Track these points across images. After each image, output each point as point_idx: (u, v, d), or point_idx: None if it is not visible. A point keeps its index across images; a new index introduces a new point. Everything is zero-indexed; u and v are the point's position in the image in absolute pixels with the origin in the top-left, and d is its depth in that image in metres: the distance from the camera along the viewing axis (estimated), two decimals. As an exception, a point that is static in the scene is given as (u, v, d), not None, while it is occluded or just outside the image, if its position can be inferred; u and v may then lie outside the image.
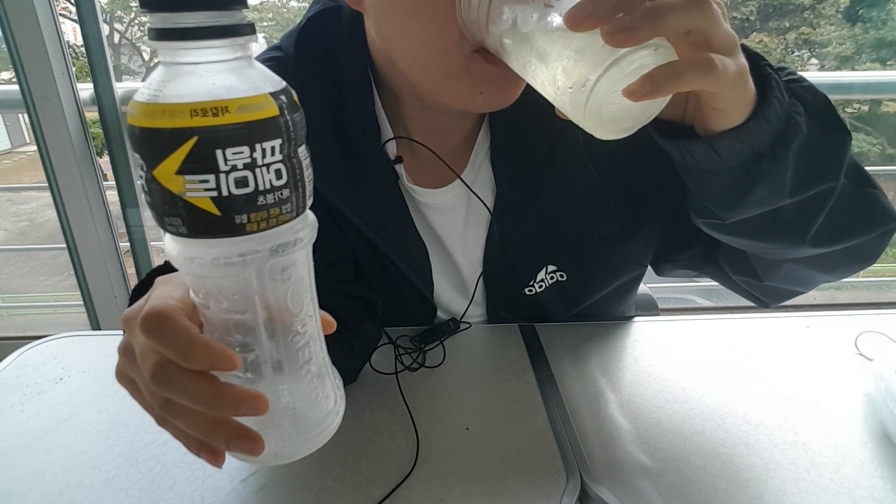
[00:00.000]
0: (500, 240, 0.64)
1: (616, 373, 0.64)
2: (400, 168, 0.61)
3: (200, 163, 0.25)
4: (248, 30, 0.26)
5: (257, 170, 0.26)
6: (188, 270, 0.29)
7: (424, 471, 0.51)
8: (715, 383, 0.62)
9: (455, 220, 0.66)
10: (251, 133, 0.25)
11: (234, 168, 0.25)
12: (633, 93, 0.33)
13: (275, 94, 0.26)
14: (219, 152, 0.25)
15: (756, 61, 0.42)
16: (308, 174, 0.29)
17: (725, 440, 0.54)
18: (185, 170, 0.25)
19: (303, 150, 0.28)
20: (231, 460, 0.33)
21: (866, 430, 0.56)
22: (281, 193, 0.27)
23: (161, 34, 0.25)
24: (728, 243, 0.56)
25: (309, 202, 0.30)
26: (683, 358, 0.67)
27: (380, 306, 0.67)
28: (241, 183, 0.26)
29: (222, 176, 0.25)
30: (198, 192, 0.26)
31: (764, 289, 0.62)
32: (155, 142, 0.25)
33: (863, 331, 0.69)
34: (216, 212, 0.26)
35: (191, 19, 0.25)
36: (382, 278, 0.67)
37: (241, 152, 0.25)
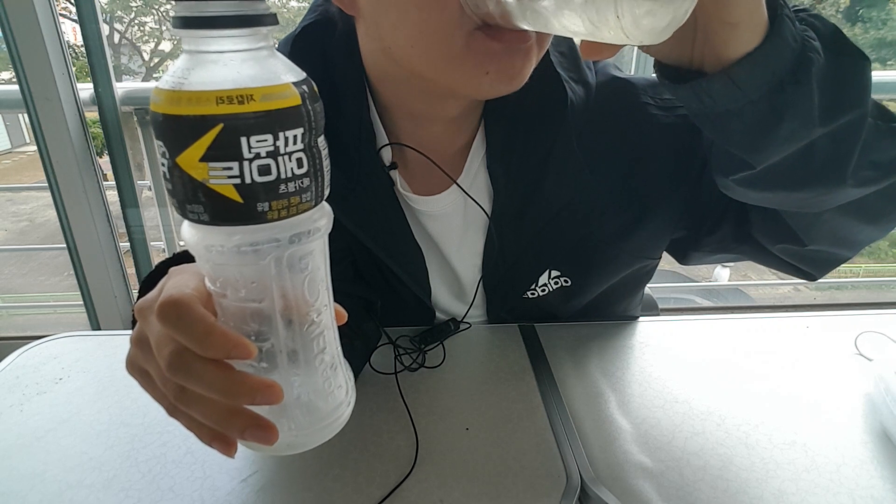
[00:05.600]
0: (499, 245, 0.64)
1: (616, 373, 0.64)
2: (395, 174, 0.61)
3: (225, 150, 0.25)
4: (271, 20, 0.27)
5: (280, 158, 0.26)
6: (207, 258, 0.30)
7: (424, 471, 0.51)
8: (715, 383, 0.62)
9: (452, 227, 0.65)
10: (275, 121, 0.26)
11: (257, 156, 0.26)
12: None
13: (297, 84, 0.27)
14: (243, 140, 0.25)
15: None
16: (327, 164, 0.29)
17: (725, 440, 0.54)
18: (209, 157, 0.25)
19: (322, 141, 0.29)
20: (235, 457, 0.33)
21: (866, 430, 0.56)
22: (302, 182, 0.28)
23: (187, 22, 0.25)
24: (764, 205, 0.53)
25: (326, 192, 0.30)
26: (683, 358, 0.67)
27: (379, 306, 0.67)
28: (264, 171, 0.26)
29: (246, 163, 0.26)
30: (221, 179, 0.26)
31: (808, 256, 0.58)
32: (179, 129, 0.25)
33: (863, 331, 0.69)
34: (239, 199, 0.26)
35: (216, 8, 0.25)
36: (380, 282, 0.66)
37: (265, 140, 0.26)
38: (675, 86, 0.42)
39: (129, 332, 0.36)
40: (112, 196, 1.51)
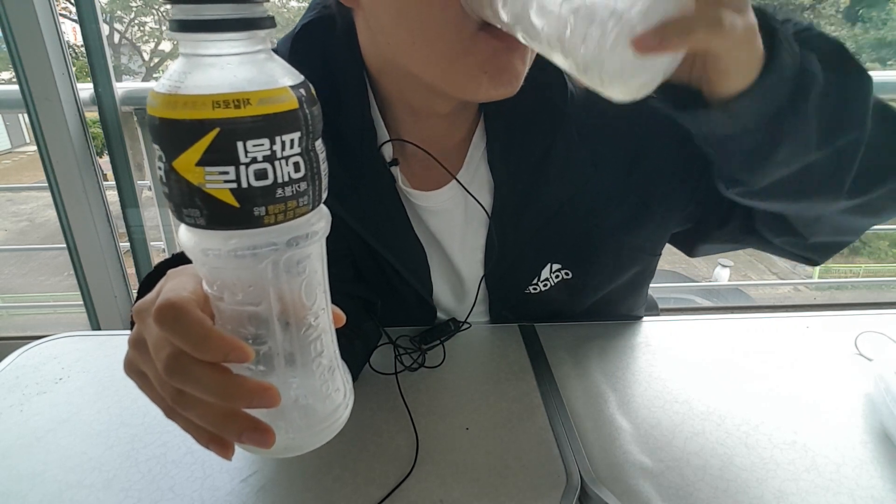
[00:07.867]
0: (500, 241, 0.64)
1: (616, 373, 0.64)
2: (396, 170, 0.61)
3: (221, 154, 0.25)
4: (269, 23, 0.27)
5: (276, 162, 0.26)
6: (203, 262, 0.29)
7: (424, 471, 0.51)
8: (715, 383, 0.62)
9: (453, 223, 0.65)
10: (272, 125, 0.26)
11: (254, 160, 0.26)
12: (640, 44, 0.31)
13: (294, 88, 0.27)
14: (240, 144, 0.25)
15: (764, 18, 0.39)
16: (324, 168, 0.29)
17: (725, 440, 0.54)
18: (205, 161, 0.25)
19: (319, 144, 0.29)
20: (234, 458, 0.33)
21: (866, 430, 0.56)
22: (299, 186, 0.27)
23: (184, 26, 0.25)
24: (765, 209, 0.54)
25: (324, 195, 0.30)
26: (683, 358, 0.67)
27: (379, 306, 0.67)
28: (261, 175, 0.26)
29: (242, 168, 0.26)
30: (217, 183, 0.26)
31: (810, 246, 0.60)
32: (176, 133, 0.25)
33: (863, 331, 0.69)
34: (235, 204, 0.26)
35: (213, 11, 0.25)
36: (381, 281, 0.66)
37: (262, 144, 0.26)
38: (675, 111, 0.42)
39: (129, 332, 0.36)
40: (112, 196, 1.51)
